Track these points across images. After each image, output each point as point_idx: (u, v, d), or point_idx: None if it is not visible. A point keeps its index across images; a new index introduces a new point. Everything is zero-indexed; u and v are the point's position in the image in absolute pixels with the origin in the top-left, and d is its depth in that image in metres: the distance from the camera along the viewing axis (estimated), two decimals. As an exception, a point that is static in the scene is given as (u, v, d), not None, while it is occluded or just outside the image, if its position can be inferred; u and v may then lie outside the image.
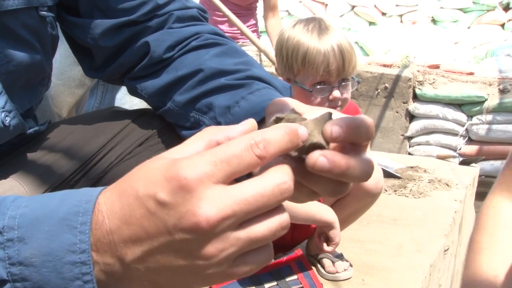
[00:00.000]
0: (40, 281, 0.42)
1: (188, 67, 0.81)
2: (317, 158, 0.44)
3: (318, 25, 1.43)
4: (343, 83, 1.41)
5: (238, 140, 0.42)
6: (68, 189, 0.81)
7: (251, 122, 0.46)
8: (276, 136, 0.42)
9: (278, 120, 0.48)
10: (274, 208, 0.42)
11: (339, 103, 1.42)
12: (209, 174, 0.40)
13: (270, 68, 4.00)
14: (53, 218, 0.43)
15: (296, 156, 0.47)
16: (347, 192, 0.49)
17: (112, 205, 0.43)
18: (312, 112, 0.54)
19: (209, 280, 0.43)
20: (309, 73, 1.40)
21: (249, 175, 0.44)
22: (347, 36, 1.47)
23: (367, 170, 0.47)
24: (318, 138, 0.46)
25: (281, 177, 0.42)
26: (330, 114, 0.48)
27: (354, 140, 0.47)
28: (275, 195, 0.41)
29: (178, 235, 0.41)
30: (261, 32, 3.58)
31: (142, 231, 0.42)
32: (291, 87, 0.80)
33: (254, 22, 3.30)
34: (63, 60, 1.82)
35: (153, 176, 0.42)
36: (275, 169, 0.42)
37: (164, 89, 0.83)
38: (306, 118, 0.48)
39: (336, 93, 1.40)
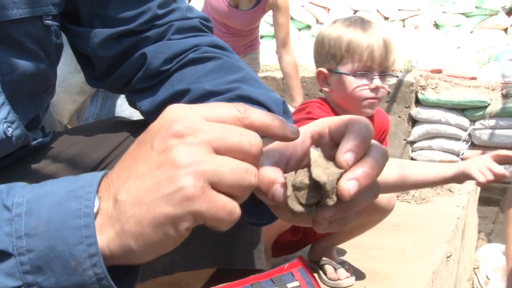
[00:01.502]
0: (45, 249, 0.44)
1: (182, 84, 0.81)
2: (346, 188, 0.47)
3: (360, 19, 1.48)
4: (382, 74, 1.44)
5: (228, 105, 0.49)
6: None
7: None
8: (261, 112, 0.49)
9: (289, 194, 0.49)
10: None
11: (379, 94, 1.44)
12: (199, 114, 0.47)
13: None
14: (60, 191, 0.46)
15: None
16: (380, 188, 0.52)
17: (117, 166, 0.48)
18: (305, 128, 0.57)
19: (181, 203, 0.44)
20: (353, 59, 1.43)
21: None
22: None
23: (383, 152, 0.50)
24: (335, 172, 0.48)
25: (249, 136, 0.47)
26: (314, 147, 0.50)
27: (364, 153, 0.50)
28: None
29: (161, 146, 0.45)
30: (261, 36, 3.54)
31: (132, 158, 0.46)
32: (284, 102, 0.79)
33: (254, 37, 3.23)
34: (64, 68, 1.83)
35: (151, 126, 0.47)
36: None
37: (160, 107, 0.82)
38: (306, 172, 0.49)
39: (377, 81, 1.43)
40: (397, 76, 1.54)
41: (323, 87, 1.51)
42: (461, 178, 1.29)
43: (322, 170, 0.48)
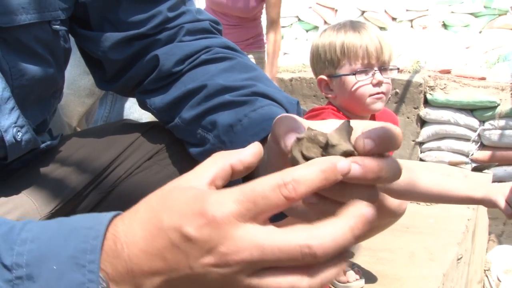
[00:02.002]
0: None
1: (195, 82, 0.81)
2: (348, 165, 0.43)
3: (349, 22, 1.50)
4: (383, 68, 1.45)
5: (268, 178, 0.42)
6: (78, 203, 0.81)
7: (257, 146, 0.47)
8: (308, 175, 0.41)
9: (299, 141, 0.48)
10: (293, 267, 0.41)
11: (383, 88, 1.45)
12: (236, 213, 0.40)
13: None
14: (61, 255, 0.43)
15: None
16: (377, 197, 0.48)
17: (133, 235, 0.43)
18: (323, 125, 0.53)
19: None
20: (350, 60, 1.44)
21: None
22: None
23: (398, 168, 0.47)
24: (347, 146, 0.46)
25: (306, 239, 0.40)
26: (348, 122, 0.48)
27: (384, 151, 0.47)
28: (295, 256, 0.40)
29: (198, 269, 0.41)
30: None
31: (163, 262, 0.42)
32: (298, 103, 0.79)
33: (257, 32, 3.23)
34: (73, 70, 1.83)
35: (179, 208, 0.42)
36: (303, 228, 0.41)
37: (171, 105, 0.83)
38: (326, 133, 0.47)
39: (378, 75, 1.43)
40: (398, 68, 1.54)
41: (326, 95, 1.52)
42: (487, 204, 1.26)
43: (338, 137, 0.46)
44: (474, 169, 2.72)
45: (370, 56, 1.43)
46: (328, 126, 0.52)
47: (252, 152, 0.46)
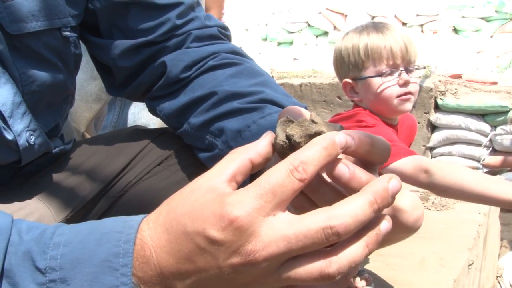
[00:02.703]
0: None
1: (203, 89, 0.82)
2: (345, 138, 0.45)
3: (371, 23, 1.49)
4: (409, 68, 1.43)
5: (277, 167, 0.43)
6: (90, 209, 0.82)
7: (270, 135, 0.49)
8: (313, 154, 0.43)
9: (287, 121, 0.49)
10: (318, 253, 0.42)
11: (411, 88, 1.42)
12: (258, 208, 0.41)
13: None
14: (93, 259, 0.44)
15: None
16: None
17: (158, 238, 0.44)
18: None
19: None
20: (374, 62, 1.42)
21: None
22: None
23: (388, 145, 0.48)
24: (326, 130, 0.47)
25: (327, 219, 0.42)
26: (341, 126, 0.49)
27: (365, 157, 0.47)
28: (320, 239, 0.41)
29: (227, 269, 0.42)
30: (278, 43, 3.43)
31: (192, 265, 0.43)
32: (306, 107, 0.80)
33: None
34: (80, 75, 1.84)
35: (201, 212, 0.43)
36: (322, 210, 0.42)
37: (180, 111, 0.84)
38: (317, 122, 0.48)
39: (404, 75, 1.41)
40: (425, 67, 1.53)
41: (352, 98, 1.50)
42: None
43: (323, 123, 0.48)
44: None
45: (395, 56, 1.40)
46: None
47: (267, 142, 0.48)
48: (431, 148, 4.19)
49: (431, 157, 4.18)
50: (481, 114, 4.00)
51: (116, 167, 0.85)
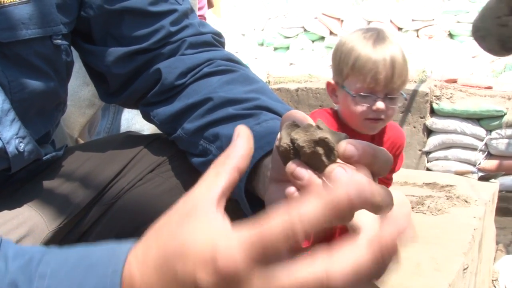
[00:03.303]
0: None
1: (198, 95, 0.81)
2: (345, 145, 0.45)
3: (376, 34, 1.44)
4: (389, 96, 1.41)
5: (276, 222, 0.40)
6: (83, 216, 0.82)
7: (244, 129, 0.47)
8: (317, 219, 0.40)
9: (292, 126, 0.49)
10: None
11: (382, 115, 1.41)
12: (247, 262, 0.40)
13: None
14: None
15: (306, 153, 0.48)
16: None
17: (148, 277, 0.43)
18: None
19: None
20: (357, 79, 1.40)
21: None
22: (403, 50, 1.45)
23: (389, 158, 0.48)
24: (330, 138, 0.47)
25: (324, 269, 0.39)
26: (346, 136, 0.49)
27: (367, 166, 0.47)
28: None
29: None
30: (275, 48, 3.50)
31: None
32: None
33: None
34: (73, 81, 1.84)
35: (192, 255, 0.41)
36: (314, 261, 0.40)
37: (174, 117, 0.84)
38: (322, 128, 0.48)
39: (379, 104, 1.39)
40: (406, 99, 1.49)
41: (332, 99, 1.52)
42: None
43: (327, 131, 0.48)
44: (481, 179, 2.71)
45: (377, 82, 1.38)
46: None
47: (244, 140, 0.46)
48: (427, 153, 4.20)
49: (427, 161, 4.19)
50: (477, 119, 4.01)
51: (110, 174, 0.85)
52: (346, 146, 0.46)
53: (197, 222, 0.43)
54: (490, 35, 1.24)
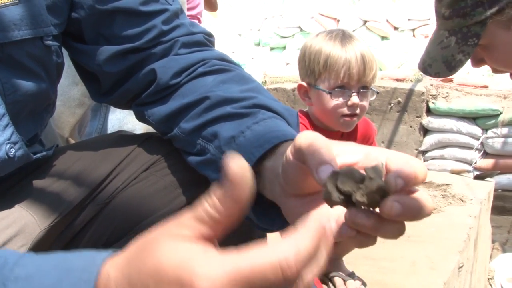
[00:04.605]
0: None
1: (194, 94, 0.81)
2: (391, 204, 0.47)
3: (341, 33, 1.49)
4: (362, 91, 1.45)
5: (268, 255, 0.38)
6: (77, 215, 0.82)
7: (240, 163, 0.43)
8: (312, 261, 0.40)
9: (334, 175, 0.50)
10: None
11: (357, 110, 1.45)
12: (229, 286, 0.38)
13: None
14: None
15: (362, 207, 0.50)
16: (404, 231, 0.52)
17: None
18: (344, 146, 0.57)
19: None
20: (330, 76, 1.44)
21: None
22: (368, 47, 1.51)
23: (430, 206, 0.50)
24: (382, 182, 0.48)
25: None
26: (382, 164, 0.51)
27: (411, 186, 0.49)
28: None
29: None
30: (271, 48, 3.52)
31: None
32: (297, 114, 0.80)
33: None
34: (62, 81, 1.83)
35: (166, 276, 0.40)
36: None
37: (170, 116, 0.83)
38: (363, 172, 0.50)
39: (354, 98, 1.43)
40: (377, 92, 1.54)
41: (304, 101, 1.53)
42: None
43: (374, 173, 0.49)
44: (477, 177, 2.72)
45: (351, 77, 1.41)
46: (352, 151, 0.56)
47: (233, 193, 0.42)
48: (424, 152, 4.21)
49: (424, 161, 4.20)
50: (473, 118, 4.02)
51: (102, 173, 0.84)
52: (397, 182, 0.48)
53: (174, 248, 0.41)
54: (436, 61, 1.33)
